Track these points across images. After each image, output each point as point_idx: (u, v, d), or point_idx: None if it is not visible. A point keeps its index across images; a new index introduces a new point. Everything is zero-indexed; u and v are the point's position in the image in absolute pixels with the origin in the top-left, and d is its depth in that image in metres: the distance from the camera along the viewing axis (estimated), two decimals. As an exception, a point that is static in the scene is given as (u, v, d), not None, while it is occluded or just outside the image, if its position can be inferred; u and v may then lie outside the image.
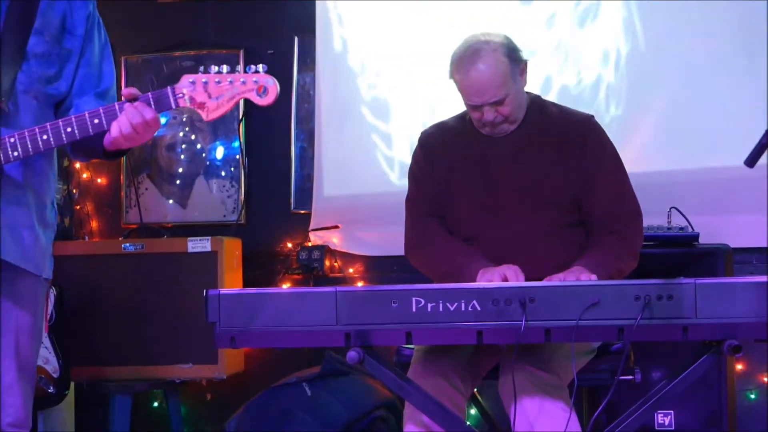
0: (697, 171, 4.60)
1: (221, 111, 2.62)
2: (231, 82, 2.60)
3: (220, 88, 2.61)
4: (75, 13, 2.82)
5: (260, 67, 2.61)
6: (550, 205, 3.24)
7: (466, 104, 3.27)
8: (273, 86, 2.60)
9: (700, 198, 4.48)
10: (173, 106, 2.63)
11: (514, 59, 3.21)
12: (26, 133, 2.64)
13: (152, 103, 2.64)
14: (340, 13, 5.08)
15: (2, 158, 2.64)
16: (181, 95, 2.62)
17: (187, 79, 2.62)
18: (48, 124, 2.65)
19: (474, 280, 3.04)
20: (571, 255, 3.17)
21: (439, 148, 3.38)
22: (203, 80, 2.61)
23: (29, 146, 2.64)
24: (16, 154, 2.64)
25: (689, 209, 4.23)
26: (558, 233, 3.24)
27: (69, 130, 2.64)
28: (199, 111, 2.62)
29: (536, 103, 3.36)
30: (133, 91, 2.65)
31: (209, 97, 2.61)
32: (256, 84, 2.61)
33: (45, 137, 2.64)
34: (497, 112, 3.20)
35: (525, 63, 3.27)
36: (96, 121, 2.64)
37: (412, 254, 3.38)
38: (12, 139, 2.64)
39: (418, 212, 3.38)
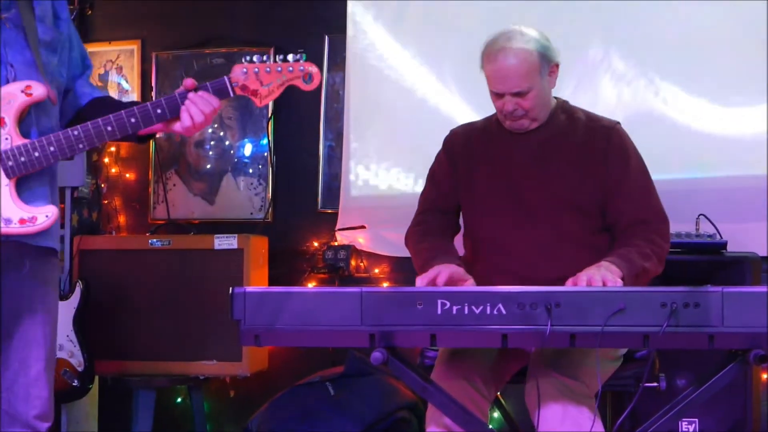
0: (726, 179, 4.57)
1: (272, 97, 2.83)
2: (279, 70, 2.81)
3: (270, 76, 2.81)
4: None
5: (300, 55, 2.81)
6: (572, 208, 3.22)
7: (490, 91, 3.25)
8: (317, 73, 2.82)
9: (729, 206, 4.45)
10: (231, 95, 2.82)
11: (545, 57, 3.19)
12: (90, 126, 2.73)
13: (212, 92, 2.81)
14: (371, 13, 5.08)
15: (68, 151, 2.72)
16: (236, 84, 2.81)
17: (239, 68, 2.83)
18: (111, 116, 2.75)
19: None
20: (592, 260, 3.12)
21: (461, 148, 3.38)
22: (254, 69, 2.82)
23: (95, 139, 2.75)
24: (81, 146, 2.74)
25: (718, 217, 4.20)
26: (579, 237, 3.22)
27: (133, 120, 2.76)
28: (253, 98, 2.81)
29: (564, 107, 3.35)
30: (193, 81, 2.81)
31: (261, 84, 2.82)
32: (302, 71, 2.81)
33: (110, 129, 2.75)
34: (518, 104, 3.19)
35: (556, 65, 3.25)
36: (159, 111, 2.78)
37: (406, 244, 3.43)
38: (76, 132, 2.73)
39: (423, 207, 3.44)
